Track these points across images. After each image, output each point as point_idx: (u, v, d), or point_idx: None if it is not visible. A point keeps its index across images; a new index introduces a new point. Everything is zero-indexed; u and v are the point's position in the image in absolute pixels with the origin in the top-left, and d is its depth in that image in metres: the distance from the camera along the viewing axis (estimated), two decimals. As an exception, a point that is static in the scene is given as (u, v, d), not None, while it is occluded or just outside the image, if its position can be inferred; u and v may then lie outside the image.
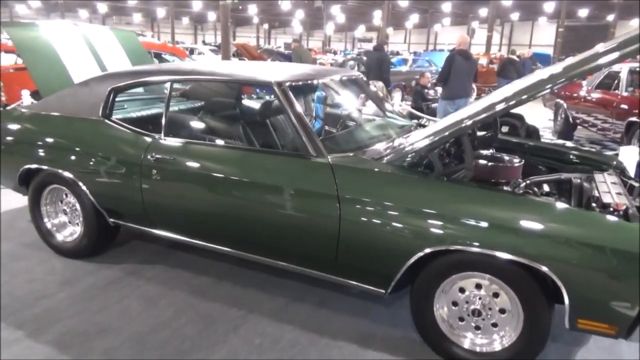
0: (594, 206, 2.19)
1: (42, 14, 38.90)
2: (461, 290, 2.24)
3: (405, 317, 2.60)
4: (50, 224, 3.37)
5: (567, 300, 1.96)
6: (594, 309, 1.97)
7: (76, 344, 2.41)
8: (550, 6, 31.43)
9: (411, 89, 11.55)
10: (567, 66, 2.29)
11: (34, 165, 3.20)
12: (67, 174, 3.07)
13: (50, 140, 3.18)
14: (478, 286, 2.21)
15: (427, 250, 2.15)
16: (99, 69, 3.92)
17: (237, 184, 2.60)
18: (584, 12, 34.84)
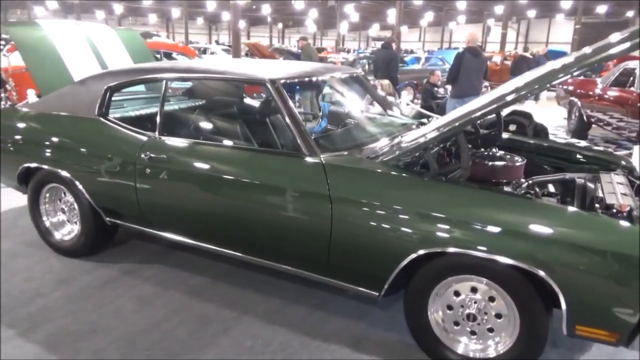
0: (597, 207, 2.11)
1: (59, 15, 39.40)
2: (456, 293, 2.17)
3: (403, 320, 2.52)
4: (49, 223, 3.37)
5: (564, 306, 1.88)
6: (593, 315, 1.88)
7: (66, 344, 2.40)
8: (567, 3, 30.85)
9: (423, 88, 11.42)
10: (578, 56, 2.17)
11: (32, 164, 3.20)
12: (64, 173, 3.07)
13: (47, 139, 3.17)
14: (473, 290, 2.13)
15: (421, 252, 2.09)
16: (100, 69, 3.91)
17: (229, 182, 2.56)
18: (602, 9, 34.16)
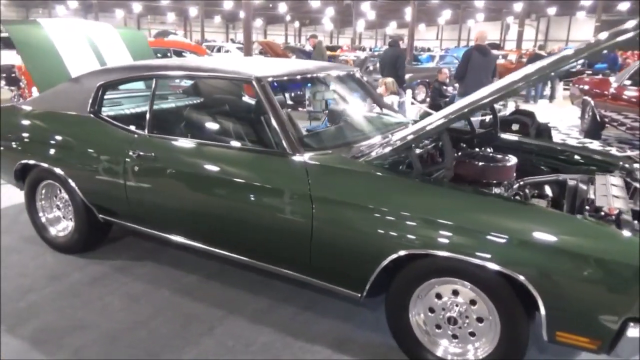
0: (586, 209, 2.04)
1: (79, 14, 40.06)
2: (438, 296, 2.13)
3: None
4: (44, 219, 3.41)
5: (543, 311, 1.82)
6: (573, 322, 1.82)
7: (50, 340, 2.41)
8: (588, 0, 30.27)
9: (432, 86, 11.32)
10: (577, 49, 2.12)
11: (29, 161, 3.24)
12: (58, 170, 3.10)
13: (41, 136, 3.21)
14: (455, 292, 2.09)
15: (402, 252, 2.05)
16: (99, 67, 3.94)
17: (215, 180, 2.55)
18: (624, 6, 33.41)
